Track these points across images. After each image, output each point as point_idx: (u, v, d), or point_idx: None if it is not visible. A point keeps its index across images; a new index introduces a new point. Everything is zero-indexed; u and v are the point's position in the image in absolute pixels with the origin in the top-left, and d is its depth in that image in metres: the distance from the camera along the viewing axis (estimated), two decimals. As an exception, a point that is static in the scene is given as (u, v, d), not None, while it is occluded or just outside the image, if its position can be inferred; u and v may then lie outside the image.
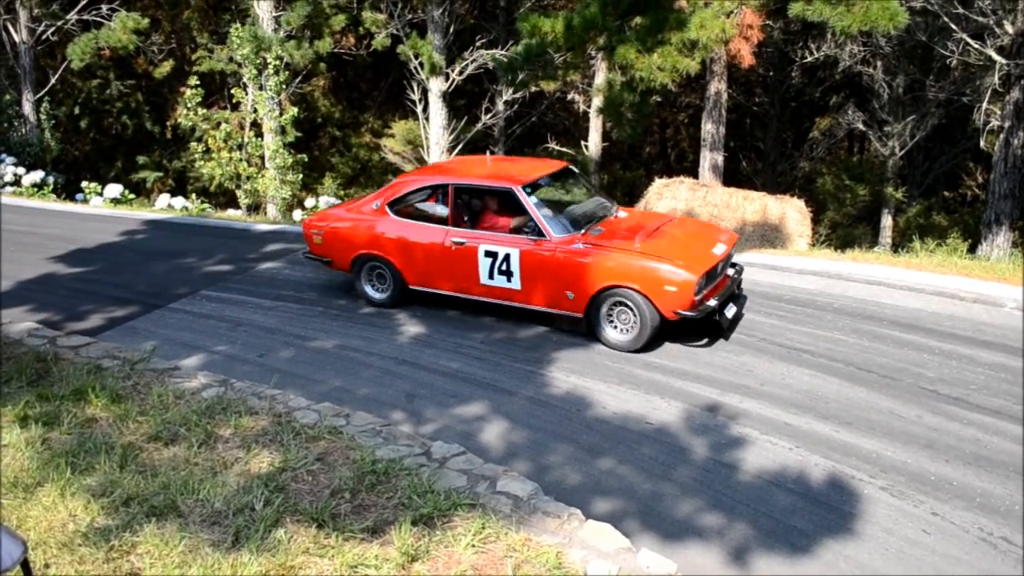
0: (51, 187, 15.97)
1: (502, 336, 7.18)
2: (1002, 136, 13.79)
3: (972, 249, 14.21)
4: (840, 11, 10.26)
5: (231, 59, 19.59)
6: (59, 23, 19.19)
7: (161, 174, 23.46)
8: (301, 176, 16.93)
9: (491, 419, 5.73)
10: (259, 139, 16.24)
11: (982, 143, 15.78)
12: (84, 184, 15.91)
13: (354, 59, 22.82)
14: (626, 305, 6.62)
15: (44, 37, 19.59)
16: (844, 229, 20.95)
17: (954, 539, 4.38)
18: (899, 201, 20.81)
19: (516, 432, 5.55)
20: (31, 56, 19.54)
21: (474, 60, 18.98)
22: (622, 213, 7.62)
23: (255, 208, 16.45)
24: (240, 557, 3.96)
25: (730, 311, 6.76)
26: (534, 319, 7.39)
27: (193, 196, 16.31)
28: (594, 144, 19.47)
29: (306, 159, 17.40)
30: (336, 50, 20.44)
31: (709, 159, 16.82)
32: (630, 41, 11.57)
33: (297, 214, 14.84)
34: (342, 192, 23.10)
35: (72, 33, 19.33)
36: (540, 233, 6.84)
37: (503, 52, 17.95)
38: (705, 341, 6.85)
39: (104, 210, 14.30)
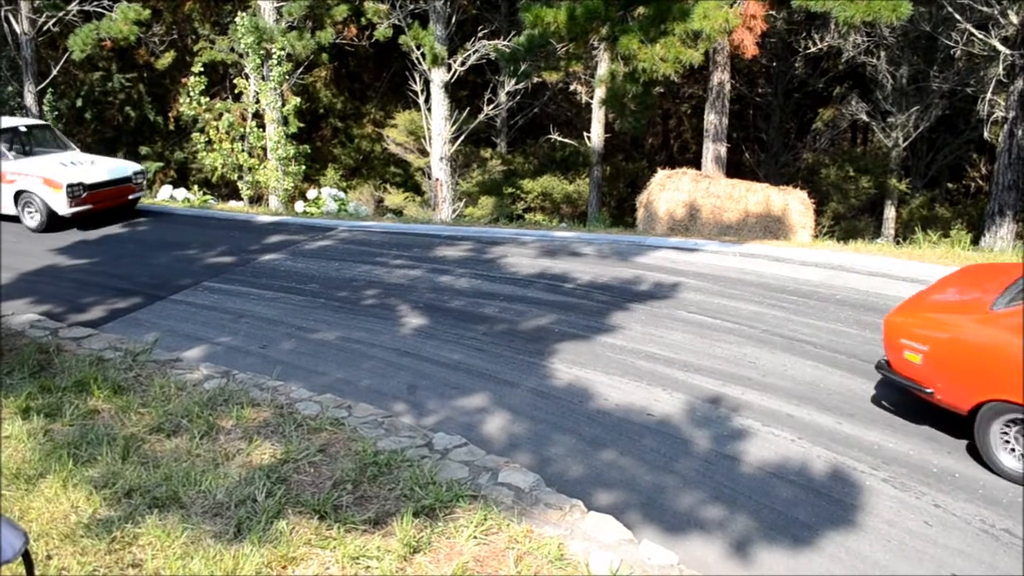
0: (53, 179, 15.94)
1: (504, 328, 7.17)
2: (1006, 127, 13.75)
3: (976, 241, 14.16)
4: (843, 1, 10.23)
5: (232, 50, 19.55)
6: (60, 14, 19.14)
7: (163, 165, 23.45)
8: (303, 167, 16.92)
9: (493, 411, 5.73)
10: (261, 130, 16.22)
11: (986, 134, 15.75)
12: (86, 176, 15.89)
13: (356, 50, 22.76)
14: None
15: (45, 28, 19.54)
16: (847, 221, 20.95)
17: (956, 531, 4.38)
18: (902, 192, 20.77)
19: (518, 424, 5.55)
20: (32, 47, 19.49)
21: (476, 51, 18.92)
22: None
23: (257, 199, 16.44)
24: (242, 548, 3.97)
25: None
26: (539, 313, 7.37)
27: (195, 187, 16.31)
28: (596, 135, 19.44)
29: (308, 150, 17.38)
30: (338, 41, 20.41)
31: (712, 150, 16.78)
32: (633, 32, 11.56)
33: (299, 205, 14.82)
34: (344, 183, 23.07)
35: (73, 24, 19.27)
36: None
37: (505, 43, 17.90)
38: None
39: (106, 201, 14.28)
